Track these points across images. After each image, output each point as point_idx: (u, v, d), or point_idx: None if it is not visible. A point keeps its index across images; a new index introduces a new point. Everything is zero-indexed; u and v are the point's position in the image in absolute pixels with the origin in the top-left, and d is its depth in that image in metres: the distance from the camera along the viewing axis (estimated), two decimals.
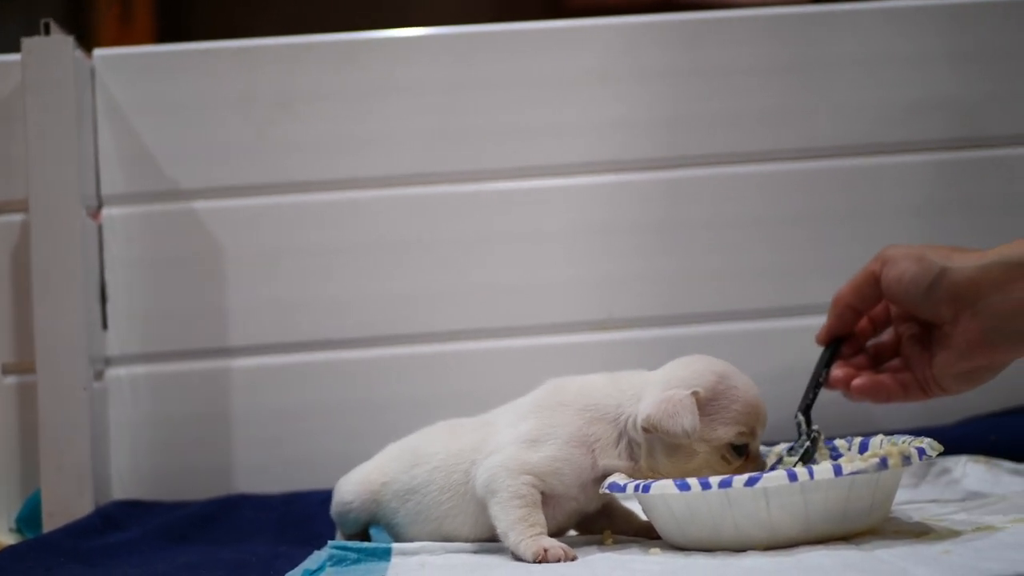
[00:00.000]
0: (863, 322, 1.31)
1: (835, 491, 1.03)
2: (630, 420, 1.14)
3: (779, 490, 1.03)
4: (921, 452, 1.06)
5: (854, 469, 1.03)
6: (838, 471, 1.02)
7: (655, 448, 1.12)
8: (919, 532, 1.06)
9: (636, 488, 1.08)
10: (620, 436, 1.14)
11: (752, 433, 1.12)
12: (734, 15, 1.68)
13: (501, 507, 1.12)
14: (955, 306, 1.17)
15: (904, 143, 1.67)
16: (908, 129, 1.66)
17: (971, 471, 1.36)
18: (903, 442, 1.11)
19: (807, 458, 1.21)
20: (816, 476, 1.02)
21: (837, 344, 1.30)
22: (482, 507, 1.16)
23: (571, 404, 1.16)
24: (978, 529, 1.06)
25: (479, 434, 1.20)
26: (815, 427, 1.24)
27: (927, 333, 1.24)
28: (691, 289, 1.65)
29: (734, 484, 1.03)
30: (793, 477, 1.02)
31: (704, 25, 1.67)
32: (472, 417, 1.26)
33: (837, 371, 1.29)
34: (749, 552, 1.04)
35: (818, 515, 1.04)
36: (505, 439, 1.16)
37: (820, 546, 1.03)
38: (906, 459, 1.05)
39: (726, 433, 1.11)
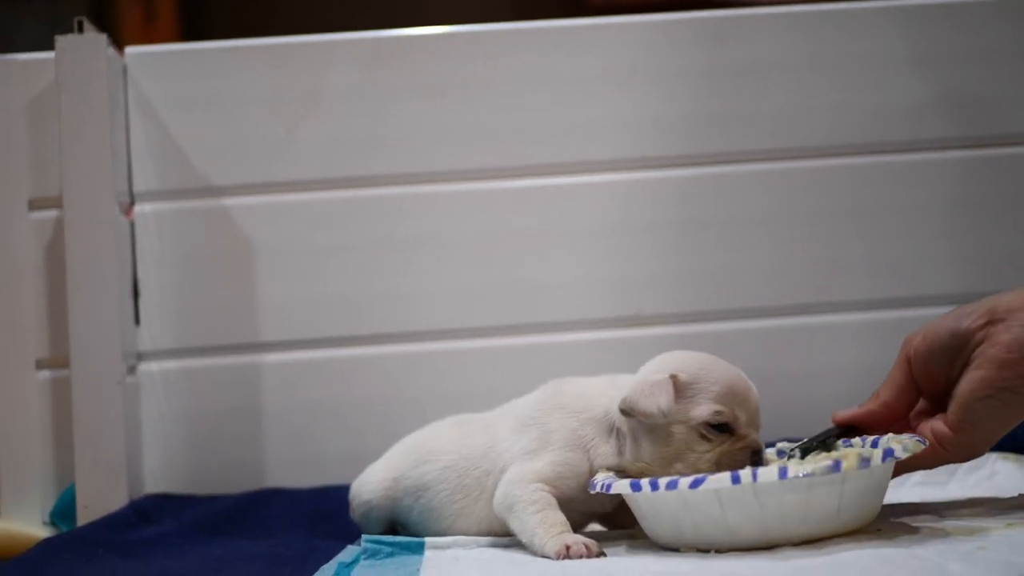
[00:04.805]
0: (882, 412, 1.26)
1: (791, 494, 1.03)
2: (617, 412, 1.14)
3: (731, 492, 1.03)
4: (888, 453, 1.05)
5: (802, 472, 1.02)
6: (783, 474, 1.02)
7: (638, 434, 1.13)
8: (952, 529, 1.07)
9: (603, 487, 1.10)
10: (610, 432, 1.15)
11: (733, 415, 1.11)
12: (753, 13, 1.68)
13: (519, 519, 1.14)
14: (989, 321, 1.14)
15: (925, 140, 1.67)
16: (928, 127, 1.66)
17: (1001, 468, 1.37)
18: (896, 442, 1.09)
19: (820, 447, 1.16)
20: (760, 479, 1.02)
21: (850, 430, 1.21)
22: (492, 512, 1.17)
23: (567, 406, 1.18)
24: (1010, 525, 1.06)
25: (486, 438, 1.22)
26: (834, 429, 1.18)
27: (938, 406, 1.20)
28: (720, 285, 1.65)
29: (680, 486, 1.04)
30: (736, 480, 1.02)
31: (725, 22, 1.67)
32: (478, 414, 1.27)
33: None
34: (784, 548, 1.04)
35: (775, 518, 1.04)
36: (511, 456, 1.18)
37: (854, 542, 1.03)
38: (864, 461, 1.03)
39: (702, 412, 1.10)
